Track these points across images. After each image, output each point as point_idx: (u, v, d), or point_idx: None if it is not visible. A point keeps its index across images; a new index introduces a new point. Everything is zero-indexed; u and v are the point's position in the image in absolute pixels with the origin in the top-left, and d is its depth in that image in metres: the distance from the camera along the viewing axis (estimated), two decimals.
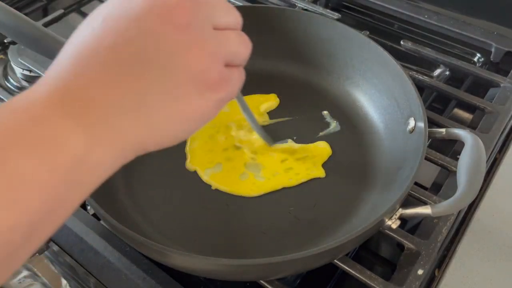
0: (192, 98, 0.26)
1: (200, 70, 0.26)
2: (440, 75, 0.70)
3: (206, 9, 0.27)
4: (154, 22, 0.25)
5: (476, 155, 0.43)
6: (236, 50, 0.29)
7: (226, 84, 0.28)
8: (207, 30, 0.27)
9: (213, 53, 0.27)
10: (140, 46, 0.25)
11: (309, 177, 0.52)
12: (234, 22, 0.30)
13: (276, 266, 0.37)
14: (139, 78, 0.25)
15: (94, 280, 0.44)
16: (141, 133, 0.26)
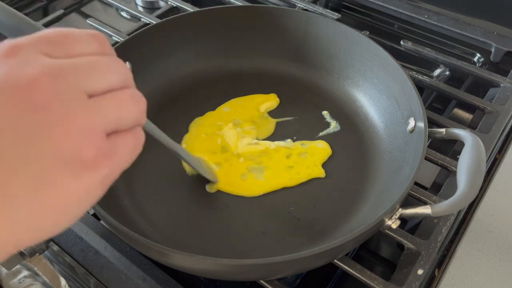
0: (65, 183, 0.23)
1: (69, 151, 0.23)
2: (440, 75, 0.70)
3: (72, 78, 0.24)
4: (6, 106, 0.22)
5: (476, 155, 0.43)
6: (120, 114, 0.25)
7: (108, 159, 0.24)
8: (76, 102, 0.23)
9: (85, 127, 0.23)
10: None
11: (310, 177, 0.52)
12: (118, 81, 0.26)
13: (276, 266, 0.37)
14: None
15: (94, 280, 0.44)
16: (11, 233, 0.23)
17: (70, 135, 0.23)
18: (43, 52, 0.24)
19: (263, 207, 0.50)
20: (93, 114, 0.24)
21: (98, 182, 0.24)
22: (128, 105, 0.26)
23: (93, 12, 0.81)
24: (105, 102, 0.25)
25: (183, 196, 0.51)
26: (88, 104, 0.24)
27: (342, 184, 0.52)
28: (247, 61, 0.63)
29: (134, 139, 0.27)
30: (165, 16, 0.72)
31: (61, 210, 0.24)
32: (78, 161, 0.23)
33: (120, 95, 0.26)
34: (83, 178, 0.23)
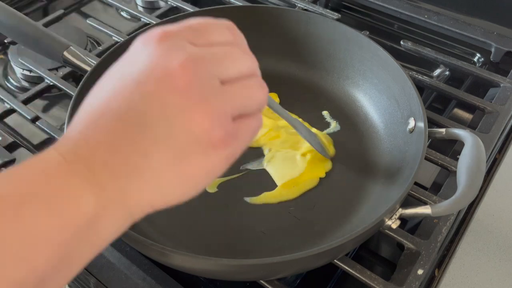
0: (196, 158, 0.26)
1: (201, 131, 0.26)
2: (440, 75, 0.70)
3: (210, 66, 0.27)
4: (154, 86, 0.26)
5: (476, 155, 0.43)
6: (246, 101, 0.29)
7: (232, 140, 0.27)
8: (210, 88, 0.27)
9: (217, 111, 0.26)
10: (142, 110, 0.25)
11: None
12: (247, 70, 0.29)
13: (276, 266, 0.37)
14: (141, 142, 0.25)
15: (94, 280, 0.44)
16: (148, 195, 0.26)
17: (205, 117, 0.26)
18: (188, 39, 0.27)
19: (263, 207, 0.50)
20: (224, 100, 0.27)
21: (223, 159, 0.28)
22: (254, 93, 0.29)
23: (93, 12, 0.81)
24: (235, 89, 0.28)
25: None
26: (220, 91, 0.27)
27: (342, 184, 0.52)
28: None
29: (255, 123, 0.30)
30: (165, 16, 0.72)
31: (191, 180, 0.27)
32: (208, 141, 0.26)
33: (248, 83, 0.29)
34: (211, 156, 0.27)
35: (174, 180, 0.27)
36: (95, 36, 0.74)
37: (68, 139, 0.25)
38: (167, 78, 0.26)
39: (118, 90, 0.26)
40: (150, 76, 0.26)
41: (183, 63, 0.26)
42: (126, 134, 0.25)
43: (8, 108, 0.58)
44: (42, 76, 0.61)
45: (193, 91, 0.26)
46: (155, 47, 0.26)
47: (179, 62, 0.26)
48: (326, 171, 0.53)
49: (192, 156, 0.26)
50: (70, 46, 0.57)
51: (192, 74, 0.26)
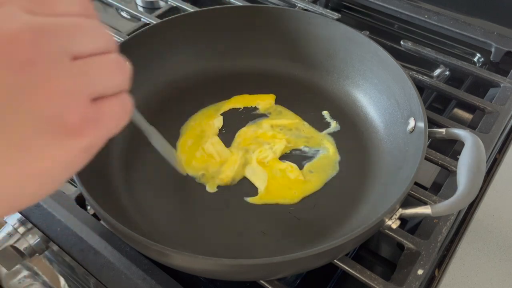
0: (47, 149, 0.22)
1: (52, 115, 0.21)
2: (440, 75, 0.70)
3: (56, 37, 0.22)
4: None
5: (476, 155, 0.43)
6: (105, 78, 0.24)
7: (92, 126, 0.23)
8: (60, 64, 0.22)
9: (69, 91, 0.22)
10: None
11: None
12: (103, 46, 0.25)
13: (276, 266, 0.37)
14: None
15: (94, 280, 0.44)
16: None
17: (53, 98, 0.21)
18: (26, 9, 0.22)
19: (263, 207, 0.50)
20: (77, 77, 0.22)
21: (82, 149, 0.23)
22: (113, 69, 0.25)
23: None
24: (90, 65, 0.23)
25: (183, 196, 0.51)
26: (72, 67, 0.22)
27: (342, 184, 0.52)
28: (247, 61, 0.63)
29: (121, 105, 0.25)
30: (165, 16, 0.72)
31: (43, 177, 0.23)
32: (61, 127, 0.22)
33: (105, 59, 0.24)
34: (66, 145, 0.22)
35: (20, 179, 0.22)
36: None
37: None
38: (6, 49, 0.21)
39: None
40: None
41: (18, 32, 0.21)
42: None
43: None
44: None
45: (38, 67, 0.21)
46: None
47: (12, 31, 0.21)
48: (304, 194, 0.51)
49: (40, 147, 0.22)
50: None
51: (32, 46, 0.21)
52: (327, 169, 0.53)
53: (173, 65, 0.61)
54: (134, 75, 0.32)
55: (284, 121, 0.58)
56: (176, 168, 0.47)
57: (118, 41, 0.64)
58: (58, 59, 0.22)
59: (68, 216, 0.47)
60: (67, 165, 0.23)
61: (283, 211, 0.49)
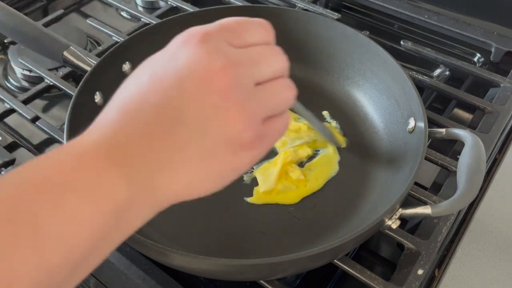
0: (226, 157, 0.28)
1: (234, 132, 0.27)
2: (440, 75, 0.70)
3: (248, 69, 0.28)
4: (195, 84, 0.26)
5: (476, 155, 0.43)
6: (276, 103, 0.30)
7: (260, 142, 0.29)
8: (247, 91, 0.28)
9: (250, 113, 0.28)
10: (180, 107, 0.26)
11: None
12: (279, 70, 0.30)
13: (276, 266, 0.37)
14: (177, 137, 0.26)
15: (94, 280, 0.44)
16: (176, 187, 0.28)
17: (237, 121, 0.27)
18: (227, 40, 0.28)
19: (263, 207, 0.50)
20: (257, 102, 0.28)
21: (250, 158, 0.29)
22: (285, 94, 0.30)
23: (93, 12, 0.81)
24: (268, 91, 0.29)
25: None
26: (255, 93, 0.28)
27: (342, 184, 0.52)
28: None
29: (283, 124, 0.31)
30: (165, 16, 0.71)
31: (217, 176, 0.29)
32: (239, 143, 0.27)
33: (279, 85, 0.30)
34: (239, 155, 0.28)
35: (202, 175, 0.28)
36: (95, 36, 0.74)
37: (102, 126, 0.26)
38: (208, 79, 0.26)
39: (158, 83, 0.27)
40: (191, 75, 0.27)
41: (224, 66, 0.27)
42: (163, 128, 0.26)
43: (8, 108, 0.58)
44: (42, 76, 0.61)
45: (231, 94, 0.27)
46: (197, 47, 0.27)
47: (220, 65, 0.27)
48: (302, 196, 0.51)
49: (221, 154, 0.28)
50: (70, 46, 0.57)
51: (232, 78, 0.27)
52: (327, 169, 0.53)
53: None
54: None
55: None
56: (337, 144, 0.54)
57: (118, 41, 0.65)
58: (246, 87, 0.28)
59: None
60: (236, 169, 0.29)
61: (283, 211, 0.49)
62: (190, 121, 0.26)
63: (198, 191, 0.29)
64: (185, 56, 0.27)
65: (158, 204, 0.28)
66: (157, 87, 0.27)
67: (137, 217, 0.27)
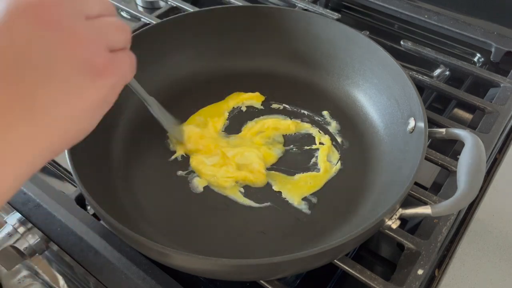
0: (84, 89, 0.27)
1: (83, 59, 0.26)
2: (440, 75, 0.70)
3: (73, 2, 0.27)
4: (24, 25, 0.25)
5: (476, 155, 0.43)
6: (114, 35, 0.30)
7: (115, 68, 0.28)
8: (80, 22, 0.27)
9: (92, 40, 0.27)
10: (16, 52, 0.25)
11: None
12: (106, 10, 0.30)
13: (276, 266, 0.37)
14: (22, 82, 0.25)
15: (94, 280, 0.44)
16: (43, 137, 0.26)
17: (82, 47, 0.26)
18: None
19: (263, 207, 0.50)
20: (94, 30, 0.28)
21: (111, 88, 0.28)
22: (119, 28, 0.30)
23: None
24: (100, 23, 0.29)
25: (183, 196, 0.51)
26: (88, 23, 0.28)
27: (342, 184, 0.52)
28: (247, 61, 0.63)
29: (129, 56, 0.31)
30: (165, 16, 0.72)
31: (83, 114, 0.28)
32: (92, 69, 0.27)
33: (110, 20, 0.30)
34: (97, 84, 0.27)
35: (67, 117, 0.27)
36: None
37: None
38: (34, 16, 0.25)
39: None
40: (16, 18, 0.25)
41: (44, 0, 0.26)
42: (5, 79, 0.24)
43: None
44: None
45: (64, 24, 0.26)
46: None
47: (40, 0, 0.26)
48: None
49: (80, 88, 0.27)
50: None
51: (56, 9, 0.26)
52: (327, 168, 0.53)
53: (173, 65, 0.61)
54: (134, 75, 0.33)
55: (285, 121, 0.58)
56: (176, 137, 0.53)
57: None
58: (76, 18, 0.27)
59: (68, 216, 0.47)
60: (99, 101, 0.28)
61: (283, 211, 0.49)
62: (31, 62, 0.25)
63: (70, 136, 0.28)
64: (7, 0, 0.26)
65: (29, 166, 0.26)
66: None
67: (7, 184, 0.25)
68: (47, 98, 0.25)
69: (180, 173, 0.53)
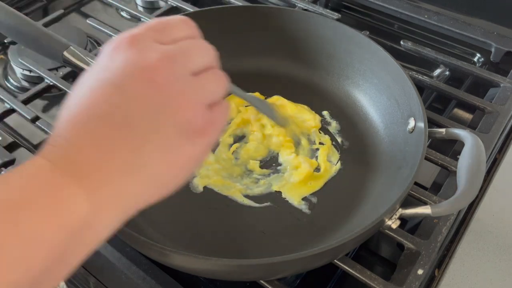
0: (184, 147, 0.28)
1: (185, 121, 0.28)
2: (440, 75, 0.70)
3: (182, 60, 0.29)
4: (135, 85, 0.27)
5: (476, 155, 0.43)
6: (215, 88, 0.31)
7: (212, 127, 0.30)
8: (185, 80, 0.29)
9: (194, 100, 0.29)
10: (126, 110, 0.27)
11: None
12: (209, 61, 0.31)
13: (276, 266, 0.37)
14: (129, 139, 0.26)
15: (94, 280, 0.44)
16: (141, 189, 0.28)
17: (184, 109, 0.28)
18: (155, 39, 0.29)
19: (263, 207, 0.50)
20: (198, 90, 0.29)
21: (206, 145, 0.30)
22: (220, 80, 0.32)
23: (93, 12, 0.81)
24: (204, 80, 0.30)
25: (183, 196, 0.51)
26: (193, 82, 0.29)
27: (342, 184, 0.52)
28: (247, 61, 0.63)
29: (225, 108, 0.32)
30: (165, 16, 0.71)
31: (182, 170, 0.30)
32: (192, 129, 0.28)
33: (213, 73, 0.31)
34: (196, 143, 0.29)
35: (165, 171, 0.28)
36: (95, 36, 0.74)
37: (55, 147, 0.26)
38: (145, 76, 0.27)
39: (99, 95, 0.27)
40: (128, 77, 0.27)
41: (158, 60, 0.28)
42: (114, 134, 0.26)
43: (8, 108, 0.58)
44: (42, 76, 0.61)
45: (171, 86, 0.28)
46: (127, 51, 0.28)
47: (154, 60, 0.27)
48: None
49: (179, 146, 0.28)
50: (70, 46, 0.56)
51: (168, 70, 0.28)
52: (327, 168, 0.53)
53: None
54: None
55: None
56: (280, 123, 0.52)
57: None
58: (185, 77, 0.29)
59: None
60: (197, 159, 0.30)
61: (283, 211, 0.49)
62: (139, 120, 0.27)
63: (165, 189, 0.29)
64: (119, 61, 0.28)
65: (125, 212, 0.27)
66: (99, 97, 0.27)
67: (103, 229, 0.26)
68: (150, 155, 0.27)
69: None
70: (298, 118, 0.58)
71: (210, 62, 0.31)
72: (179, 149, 0.28)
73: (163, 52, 0.28)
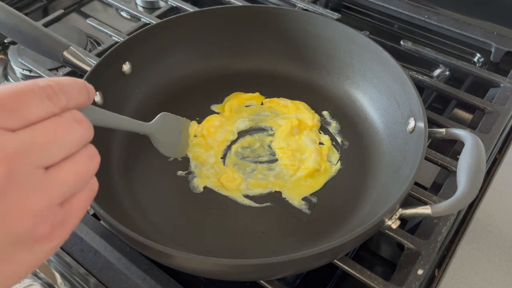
0: (22, 256, 0.24)
1: (23, 232, 0.23)
2: (440, 75, 0.70)
3: (30, 156, 0.24)
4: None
5: (476, 155, 0.43)
6: (75, 182, 0.26)
7: (62, 228, 0.25)
8: (31, 183, 0.24)
9: (39, 208, 0.24)
10: None
11: None
12: (75, 146, 0.26)
13: (276, 266, 0.37)
14: None
15: (94, 280, 0.44)
16: None
17: (25, 218, 0.23)
18: (3, 124, 0.23)
19: (263, 207, 0.50)
20: (48, 191, 0.24)
21: (51, 250, 0.25)
22: (85, 168, 0.26)
23: (93, 12, 0.81)
24: (63, 173, 0.25)
25: (183, 196, 0.51)
26: (44, 181, 0.24)
27: (342, 184, 0.52)
28: (247, 61, 0.63)
29: (88, 193, 0.27)
30: (165, 16, 0.71)
31: (12, 278, 0.25)
32: (33, 238, 0.24)
33: (78, 160, 0.26)
34: (36, 251, 0.24)
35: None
36: (95, 36, 0.74)
37: None
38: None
39: None
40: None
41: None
42: None
43: None
44: (42, 76, 0.61)
45: (10, 191, 0.23)
46: None
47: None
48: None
49: (13, 256, 0.24)
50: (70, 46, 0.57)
51: (6, 173, 0.22)
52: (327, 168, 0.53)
53: (173, 65, 0.61)
54: (134, 75, 0.33)
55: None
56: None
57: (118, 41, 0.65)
58: (30, 178, 0.23)
59: None
60: (34, 265, 0.25)
61: (283, 211, 0.49)
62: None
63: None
64: None
65: None
66: None
67: None
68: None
69: (180, 173, 0.53)
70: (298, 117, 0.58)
71: (78, 146, 0.26)
72: (15, 259, 0.24)
73: (6, 148, 0.23)
